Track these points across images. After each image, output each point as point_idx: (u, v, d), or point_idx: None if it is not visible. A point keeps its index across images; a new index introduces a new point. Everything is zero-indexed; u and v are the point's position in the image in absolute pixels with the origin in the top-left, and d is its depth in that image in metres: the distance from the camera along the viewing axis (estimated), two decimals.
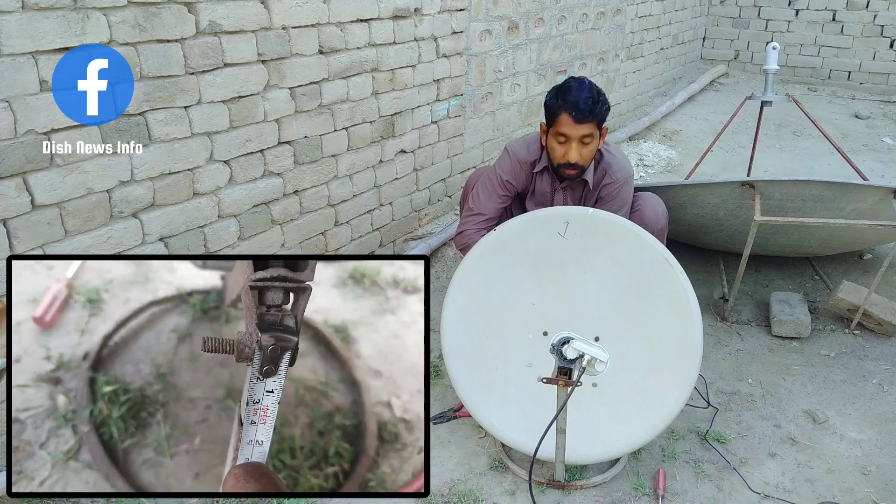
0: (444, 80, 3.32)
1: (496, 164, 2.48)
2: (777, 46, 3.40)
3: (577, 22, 4.53)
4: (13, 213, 1.79)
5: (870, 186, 2.74)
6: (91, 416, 1.26)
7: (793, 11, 7.01)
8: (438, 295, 2.26)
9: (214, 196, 2.31)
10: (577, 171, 2.29)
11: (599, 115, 2.21)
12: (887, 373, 2.60)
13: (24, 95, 1.75)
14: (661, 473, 2.02)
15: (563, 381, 1.81)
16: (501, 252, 2.06)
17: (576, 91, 2.20)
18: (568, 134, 2.22)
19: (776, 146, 5.40)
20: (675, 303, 1.95)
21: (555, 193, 2.44)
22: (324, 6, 2.54)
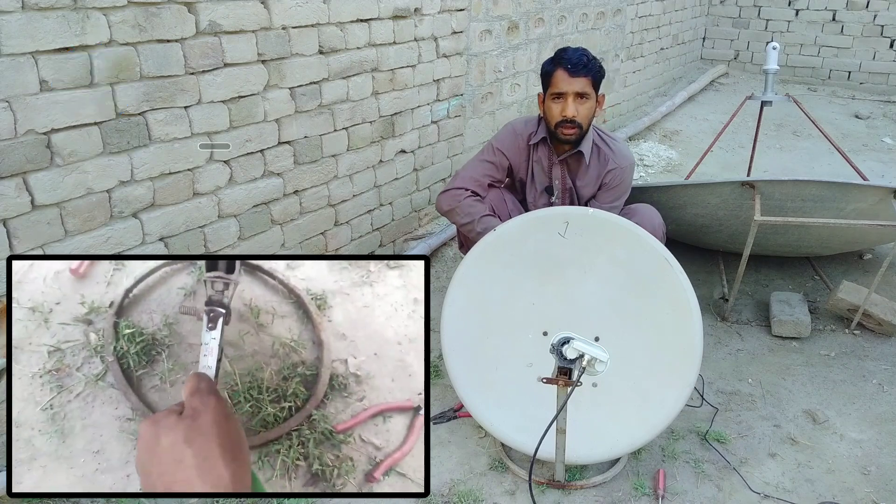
0: (444, 80, 3.32)
1: (493, 136, 2.52)
2: (777, 46, 3.40)
3: (577, 22, 4.53)
4: (13, 213, 1.79)
5: (870, 186, 2.74)
6: (114, 350, 1.64)
7: (793, 11, 7.01)
8: (438, 295, 2.26)
9: (214, 196, 2.31)
10: (575, 130, 2.30)
11: (593, 70, 2.27)
12: (887, 373, 2.60)
13: (24, 95, 1.75)
14: (661, 473, 2.02)
15: (563, 381, 1.81)
16: (501, 252, 2.06)
17: (570, 51, 2.29)
18: (564, 90, 2.27)
19: (776, 146, 5.40)
20: (675, 303, 1.95)
21: (552, 168, 2.44)
22: (324, 6, 2.54)
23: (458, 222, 2.40)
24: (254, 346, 1.75)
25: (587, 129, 2.35)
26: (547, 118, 2.35)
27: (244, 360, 1.72)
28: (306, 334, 1.80)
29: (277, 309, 1.83)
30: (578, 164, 2.43)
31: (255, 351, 1.74)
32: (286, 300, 1.85)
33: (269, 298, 1.86)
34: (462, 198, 2.38)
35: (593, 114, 2.34)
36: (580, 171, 2.44)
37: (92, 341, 1.68)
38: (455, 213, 2.39)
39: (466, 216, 2.35)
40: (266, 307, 1.84)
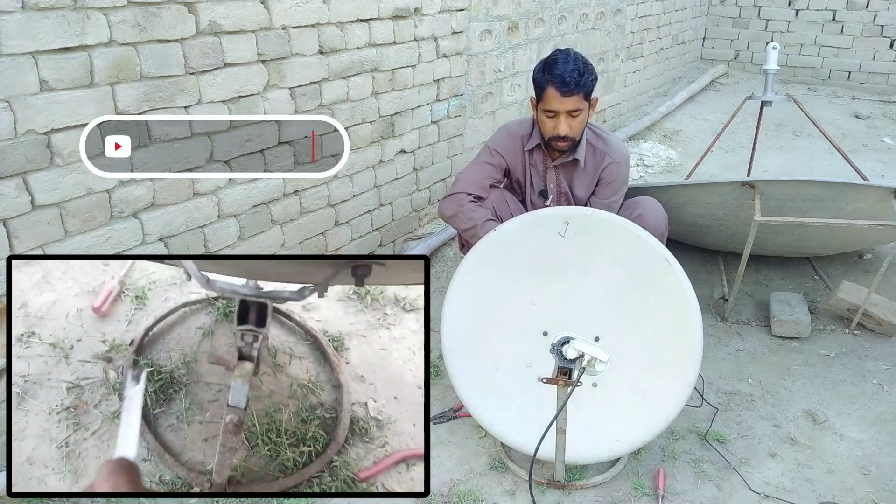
0: (444, 80, 3.32)
1: (488, 139, 2.51)
2: (777, 46, 3.40)
3: (577, 22, 4.53)
4: (13, 213, 1.79)
5: (870, 186, 2.74)
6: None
7: (793, 11, 7.00)
8: (438, 295, 2.26)
9: (214, 196, 2.31)
10: (568, 143, 2.30)
11: (586, 86, 2.22)
12: (887, 373, 2.60)
13: (24, 95, 1.75)
14: (661, 473, 2.02)
15: (563, 381, 1.81)
16: (501, 252, 2.06)
17: (561, 64, 2.21)
18: (555, 108, 2.24)
19: (776, 146, 5.40)
20: (675, 303, 1.95)
21: (547, 172, 2.44)
22: (324, 6, 2.54)
23: (461, 227, 2.40)
24: (271, 386, 1.71)
25: (580, 138, 2.35)
26: (540, 128, 2.34)
27: (261, 400, 1.68)
28: (324, 376, 1.76)
29: (295, 350, 1.82)
30: (574, 167, 2.42)
31: (272, 391, 1.70)
32: (303, 341, 1.84)
33: (286, 339, 1.85)
34: (464, 202, 2.37)
35: (586, 122, 2.33)
36: (576, 174, 2.44)
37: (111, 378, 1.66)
38: (458, 218, 2.39)
39: (469, 221, 2.35)
40: (283, 348, 1.82)
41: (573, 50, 2.30)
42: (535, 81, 2.29)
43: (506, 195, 2.48)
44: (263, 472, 1.57)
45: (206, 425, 1.61)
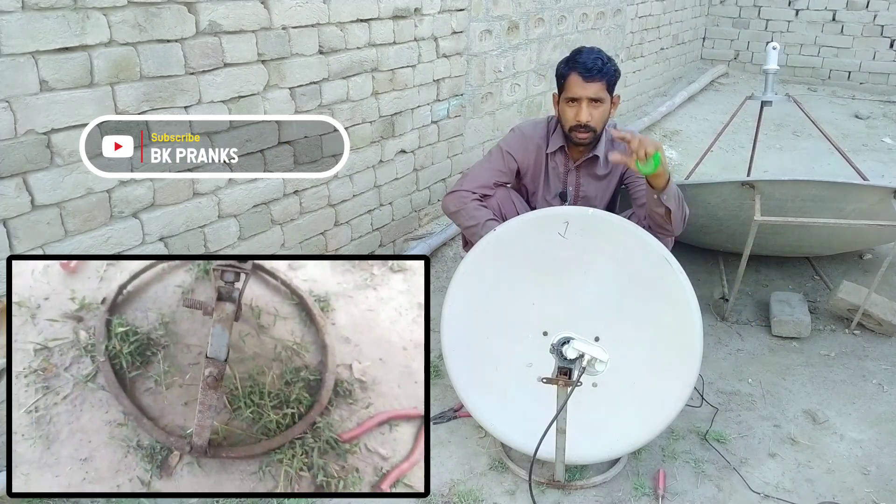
0: (444, 80, 3.32)
1: (500, 140, 2.49)
2: (777, 46, 3.40)
3: (577, 22, 4.53)
4: (13, 213, 1.79)
5: (870, 186, 2.74)
6: (106, 349, 1.54)
7: (793, 11, 7.01)
8: (438, 295, 2.26)
9: (214, 196, 2.31)
10: (588, 134, 2.29)
11: (608, 74, 2.24)
12: (887, 373, 2.60)
13: (24, 95, 1.75)
14: (661, 473, 2.02)
15: (563, 381, 1.81)
16: (501, 252, 2.06)
17: (585, 54, 2.26)
18: (577, 95, 2.24)
19: (776, 146, 5.40)
20: (675, 303, 1.95)
21: (568, 174, 2.44)
22: (324, 6, 2.54)
23: (463, 224, 2.40)
24: (255, 348, 1.66)
25: (601, 132, 2.34)
26: (561, 121, 2.34)
27: (245, 362, 1.63)
28: (309, 337, 1.72)
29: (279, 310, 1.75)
30: (594, 166, 2.42)
31: (256, 353, 1.65)
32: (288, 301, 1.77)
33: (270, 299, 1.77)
34: (468, 200, 2.37)
35: (608, 117, 2.33)
36: (596, 172, 2.42)
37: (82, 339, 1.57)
38: (460, 214, 2.39)
39: (471, 219, 2.35)
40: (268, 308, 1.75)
41: (597, 47, 2.32)
42: (558, 74, 2.31)
43: (512, 194, 2.48)
44: (245, 435, 1.54)
45: (185, 388, 1.55)
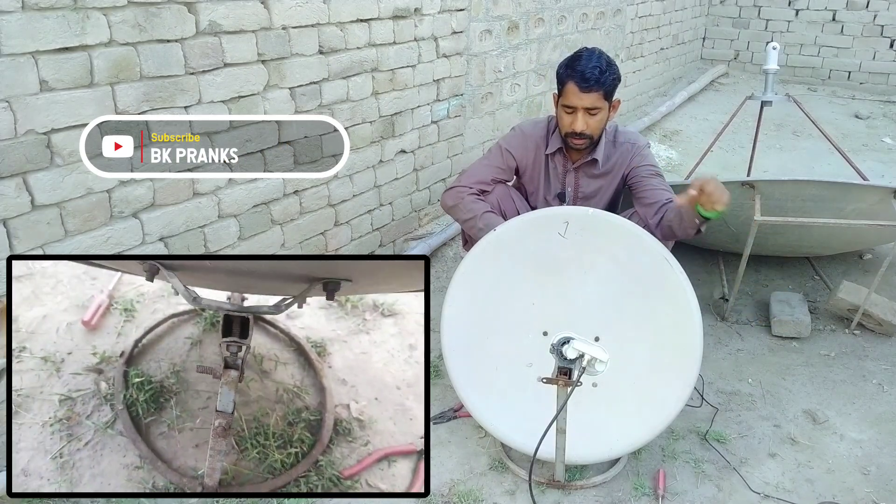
0: (444, 80, 3.32)
1: (500, 138, 2.50)
2: (777, 46, 3.40)
3: (577, 22, 4.53)
4: (13, 213, 1.79)
5: (870, 186, 2.74)
6: (124, 398, 1.68)
7: (793, 11, 7.01)
8: (438, 295, 2.26)
9: (214, 196, 2.31)
10: (584, 141, 2.29)
11: (606, 84, 2.22)
12: (887, 373, 2.60)
13: (24, 95, 1.75)
14: (661, 473, 2.02)
15: (563, 381, 1.81)
16: (501, 252, 2.06)
17: (584, 60, 2.22)
18: (574, 104, 2.23)
19: (776, 146, 5.40)
20: (675, 303, 1.95)
21: (567, 175, 2.44)
22: (324, 6, 2.54)
23: (461, 218, 2.40)
24: (259, 391, 1.79)
25: (598, 138, 2.34)
26: (558, 123, 2.34)
27: (250, 405, 1.74)
28: (309, 380, 1.85)
29: (280, 356, 1.91)
30: (592, 167, 2.42)
31: (260, 396, 1.77)
32: (288, 347, 1.92)
33: (271, 346, 1.93)
34: (465, 194, 2.38)
35: (605, 123, 2.32)
36: (593, 173, 2.42)
37: (102, 390, 1.70)
38: (458, 209, 2.39)
39: (469, 212, 2.35)
40: (269, 354, 1.91)
41: (599, 49, 2.29)
42: (557, 76, 2.30)
43: (511, 191, 2.48)
44: (253, 475, 1.63)
45: (196, 432, 1.67)
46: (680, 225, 2.12)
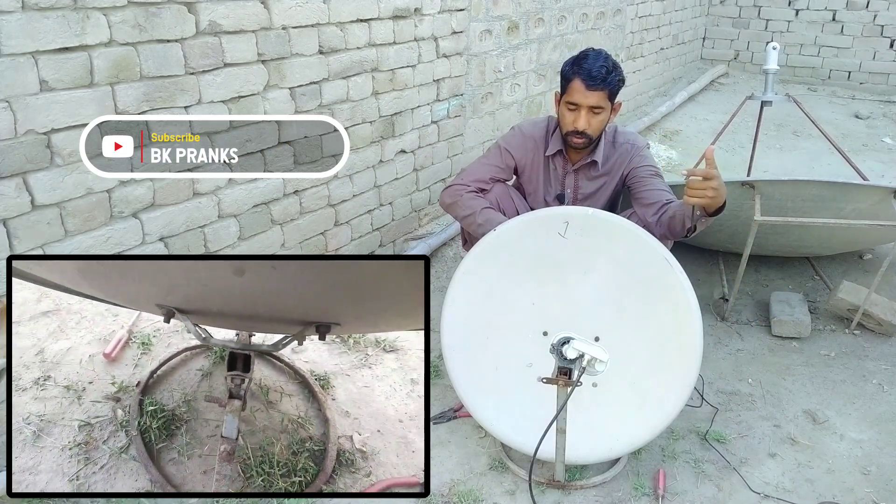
0: (444, 80, 3.32)
1: (499, 138, 2.50)
2: (777, 46, 3.40)
3: (577, 22, 4.53)
4: (13, 213, 1.79)
5: (870, 186, 2.74)
6: (138, 425, 1.76)
7: (793, 11, 7.01)
8: (438, 295, 2.26)
9: (214, 196, 2.31)
10: (584, 140, 2.29)
11: (611, 84, 2.22)
12: (887, 373, 2.60)
13: (24, 95, 1.75)
14: (661, 473, 2.02)
15: (563, 381, 1.81)
16: (501, 252, 2.06)
17: (591, 59, 2.23)
18: (578, 102, 2.23)
19: (776, 146, 5.40)
20: (675, 303, 1.95)
21: (566, 176, 2.44)
22: (324, 6, 2.54)
23: (460, 215, 2.40)
24: (264, 421, 1.85)
25: (598, 138, 2.34)
26: (559, 122, 2.34)
27: (256, 434, 1.80)
28: (312, 411, 1.92)
29: (285, 388, 1.98)
30: (591, 170, 2.42)
31: (265, 426, 1.84)
32: (292, 380, 2.00)
33: (276, 378, 2.02)
34: (463, 192, 2.38)
35: (606, 124, 2.32)
36: (592, 174, 2.42)
37: (119, 417, 1.80)
38: (456, 206, 2.39)
39: (467, 209, 2.35)
40: (275, 386, 1.98)
41: (605, 50, 2.30)
42: (562, 74, 2.29)
43: (510, 190, 2.48)
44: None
45: (204, 459, 1.73)
46: (670, 223, 2.13)
